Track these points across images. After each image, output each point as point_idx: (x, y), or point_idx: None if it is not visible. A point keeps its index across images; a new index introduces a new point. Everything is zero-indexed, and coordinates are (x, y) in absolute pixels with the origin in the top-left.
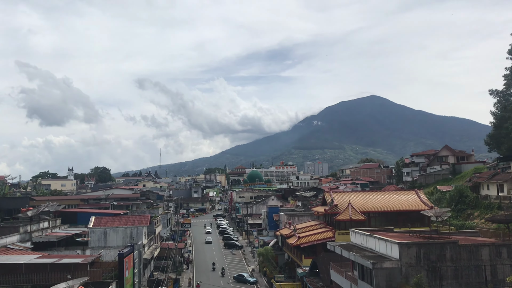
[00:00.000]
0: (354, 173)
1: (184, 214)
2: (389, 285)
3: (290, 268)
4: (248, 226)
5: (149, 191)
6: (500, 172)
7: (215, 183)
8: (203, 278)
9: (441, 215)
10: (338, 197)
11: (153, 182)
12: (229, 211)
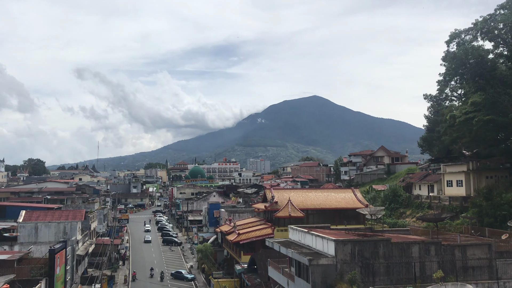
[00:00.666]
0: (294, 171)
1: (122, 209)
2: (325, 282)
3: (229, 264)
4: (188, 222)
5: (86, 185)
6: (431, 173)
7: (155, 179)
8: (140, 277)
9: (376, 214)
10: (278, 194)
11: (90, 176)
12: (169, 207)
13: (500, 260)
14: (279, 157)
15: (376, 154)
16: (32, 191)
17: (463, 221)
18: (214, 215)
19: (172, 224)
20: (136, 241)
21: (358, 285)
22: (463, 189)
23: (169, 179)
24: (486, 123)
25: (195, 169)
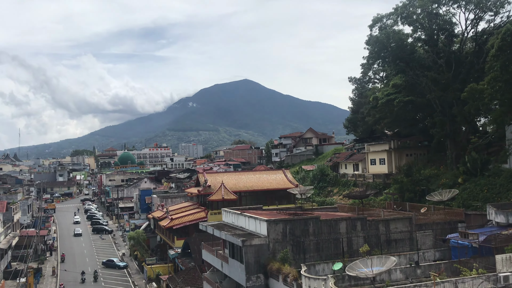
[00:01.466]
0: (227, 155)
1: (48, 199)
2: (258, 261)
3: (162, 250)
4: (118, 210)
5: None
6: (356, 152)
7: (83, 166)
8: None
9: (305, 193)
10: (211, 178)
11: (11, 165)
12: (98, 194)
13: (419, 232)
14: (212, 141)
15: (305, 136)
16: None
17: (386, 197)
18: (146, 201)
19: (102, 212)
20: (64, 231)
21: (290, 263)
22: (386, 167)
23: (98, 166)
24: (406, 104)
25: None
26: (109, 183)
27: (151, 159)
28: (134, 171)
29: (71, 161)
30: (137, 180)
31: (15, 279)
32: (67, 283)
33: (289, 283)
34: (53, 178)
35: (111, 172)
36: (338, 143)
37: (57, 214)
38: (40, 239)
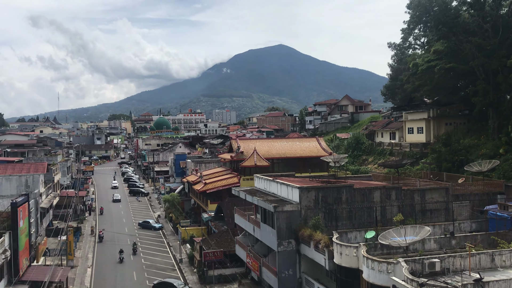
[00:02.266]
0: (260, 121)
1: (86, 161)
2: (289, 227)
3: (196, 213)
4: (154, 173)
5: (47, 137)
6: (393, 121)
7: (120, 130)
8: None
9: (339, 161)
10: (244, 144)
11: (51, 128)
12: (135, 158)
13: (456, 203)
14: (245, 108)
15: (340, 103)
16: None
17: (422, 166)
18: (180, 165)
19: (138, 175)
20: (102, 193)
21: (321, 230)
22: (423, 135)
23: (134, 130)
24: (447, 71)
25: (160, 120)
26: (145, 147)
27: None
28: (169, 136)
29: (108, 125)
30: (172, 145)
31: (56, 237)
32: (104, 242)
33: (320, 249)
34: (91, 141)
35: (147, 137)
36: (375, 111)
37: (95, 176)
38: (79, 200)
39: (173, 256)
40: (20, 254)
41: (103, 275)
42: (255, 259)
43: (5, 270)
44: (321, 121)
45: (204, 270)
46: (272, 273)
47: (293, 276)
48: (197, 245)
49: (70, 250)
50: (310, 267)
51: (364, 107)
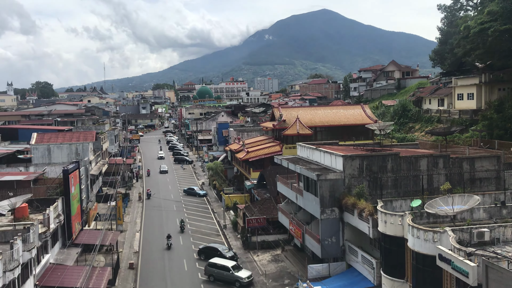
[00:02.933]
0: (303, 89)
1: (132, 130)
2: (332, 195)
3: (238, 181)
4: (198, 141)
5: (95, 107)
6: (442, 87)
7: (164, 99)
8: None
9: (384, 129)
10: (286, 112)
11: (98, 98)
12: (179, 127)
13: (508, 171)
14: (287, 75)
15: (386, 69)
16: (42, 113)
17: (472, 134)
18: (223, 134)
19: (182, 144)
20: (148, 160)
21: (365, 198)
22: (474, 102)
23: (177, 99)
24: (502, 34)
25: (203, 89)
26: (188, 116)
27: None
28: (212, 105)
29: (153, 94)
30: (215, 113)
31: (106, 203)
32: (151, 208)
33: (364, 217)
34: (136, 110)
35: (190, 106)
36: (423, 77)
37: (141, 145)
38: (126, 167)
39: (217, 222)
40: (73, 219)
41: (150, 239)
42: (298, 226)
43: (60, 233)
44: (366, 88)
45: (247, 236)
46: (315, 240)
47: (336, 243)
48: (240, 212)
49: (119, 215)
50: (353, 235)
51: (411, 73)
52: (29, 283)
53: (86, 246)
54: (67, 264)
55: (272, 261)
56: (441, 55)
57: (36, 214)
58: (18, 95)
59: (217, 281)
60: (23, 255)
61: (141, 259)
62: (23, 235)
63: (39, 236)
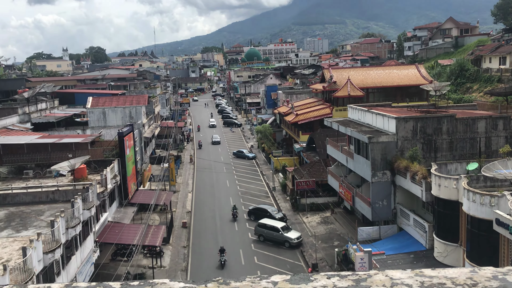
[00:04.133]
0: (354, 49)
1: (182, 94)
2: (384, 158)
3: (287, 144)
4: (246, 104)
5: (146, 71)
6: (504, 44)
7: (212, 63)
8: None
9: (440, 89)
10: (337, 73)
11: (149, 62)
12: (227, 90)
13: None
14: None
15: (443, 27)
16: (96, 78)
17: None
18: (271, 97)
19: (231, 107)
20: (198, 123)
21: (419, 161)
22: None
23: (226, 62)
24: None
25: (251, 52)
26: (237, 79)
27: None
28: (260, 67)
29: (202, 57)
30: (263, 76)
31: (159, 164)
32: (202, 170)
33: (417, 181)
34: (186, 74)
35: (238, 69)
36: (483, 34)
37: (191, 108)
38: (178, 130)
39: (266, 184)
40: (128, 179)
41: (202, 200)
42: (348, 189)
43: (116, 193)
44: (421, 46)
45: (296, 198)
46: (366, 203)
47: (387, 206)
48: (289, 175)
49: (172, 176)
50: (405, 198)
51: (470, 30)
52: (89, 240)
53: (142, 206)
54: (124, 222)
55: (321, 223)
56: (505, 10)
57: (94, 175)
58: (73, 60)
59: (266, 241)
60: (83, 213)
61: (193, 219)
62: (83, 195)
63: (98, 196)
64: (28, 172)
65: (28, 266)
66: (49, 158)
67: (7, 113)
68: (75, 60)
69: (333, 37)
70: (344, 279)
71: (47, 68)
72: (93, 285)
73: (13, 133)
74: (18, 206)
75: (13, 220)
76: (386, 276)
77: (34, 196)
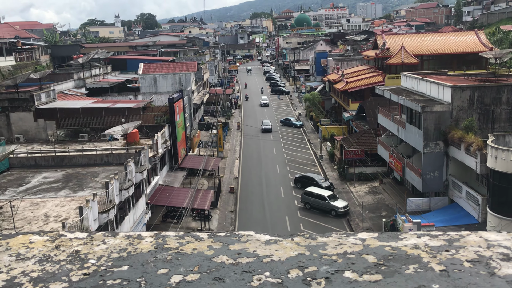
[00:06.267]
0: (409, 14)
1: (231, 60)
2: (437, 128)
3: (336, 112)
4: (295, 72)
5: (195, 37)
6: None
7: (261, 29)
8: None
9: (501, 57)
10: (390, 40)
11: (198, 28)
12: (276, 57)
13: None
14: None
15: None
16: (147, 44)
17: None
18: (321, 64)
19: (279, 74)
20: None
21: (474, 132)
22: None
23: (275, 28)
24: None
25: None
26: (285, 46)
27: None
28: (310, 33)
29: (250, 24)
30: (313, 42)
31: (207, 131)
32: (249, 137)
33: (472, 152)
34: (234, 40)
35: (287, 35)
36: None
37: (240, 75)
38: (226, 97)
39: (314, 153)
40: (178, 145)
41: (249, 166)
42: (398, 159)
43: (167, 158)
44: (482, 11)
45: (344, 168)
46: (416, 174)
47: (438, 178)
48: (337, 143)
49: (220, 143)
50: (458, 170)
51: None
52: (141, 201)
53: (191, 170)
54: (174, 186)
55: (369, 193)
56: None
57: (146, 140)
58: (125, 27)
59: (313, 209)
60: (136, 176)
61: (240, 184)
62: (135, 158)
63: (149, 160)
64: (83, 135)
65: (84, 224)
66: (103, 122)
67: (63, 78)
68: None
69: (387, 1)
70: (435, 238)
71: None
72: (182, 235)
73: (69, 97)
74: (75, 168)
75: (70, 181)
76: (480, 237)
77: (89, 158)
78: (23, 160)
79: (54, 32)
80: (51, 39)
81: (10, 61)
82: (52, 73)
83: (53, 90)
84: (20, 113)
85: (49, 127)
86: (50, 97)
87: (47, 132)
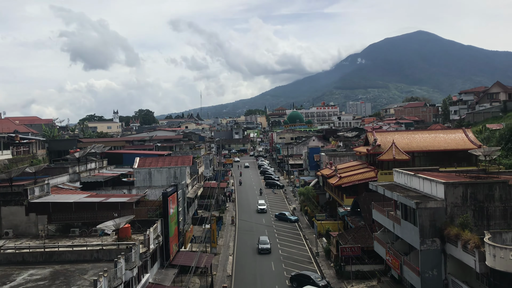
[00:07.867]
0: (398, 113)
1: (226, 154)
2: (433, 225)
3: (331, 207)
4: (289, 166)
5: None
6: None
7: (255, 125)
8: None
9: (490, 154)
10: (381, 137)
11: (195, 124)
12: (270, 151)
13: None
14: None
15: (490, 91)
16: (144, 139)
17: None
18: (314, 159)
19: (273, 168)
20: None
21: (470, 229)
22: None
23: (269, 124)
24: None
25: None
26: (279, 141)
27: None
28: (303, 129)
29: (245, 120)
30: (306, 138)
31: (201, 225)
32: (244, 232)
33: (469, 250)
34: (229, 135)
35: (281, 130)
36: None
37: (234, 169)
38: (220, 191)
39: (309, 249)
40: (171, 240)
41: (243, 263)
42: (395, 257)
43: (158, 254)
44: (467, 111)
45: (341, 265)
46: (415, 272)
47: (437, 276)
48: (333, 240)
49: (214, 238)
50: (457, 268)
51: None
52: None
53: (182, 268)
54: (164, 284)
55: None
56: None
57: (137, 235)
58: (122, 122)
59: None
60: (126, 273)
61: (234, 283)
62: (126, 255)
63: (140, 256)
64: (74, 230)
65: None
66: (95, 216)
67: (59, 172)
68: (124, 122)
69: (376, 100)
70: None
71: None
72: None
73: (62, 191)
74: (63, 265)
75: (58, 279)
76: None
77: (79, 254)
78: (10, 256)
79: (52, 127)
80: (49, 133)
81: (7, 154)
82: (48, 167)
83: (47, 184)
84: (12, 207)
85: (40, 222)
86: (44, 191)
87: (38, 227)
